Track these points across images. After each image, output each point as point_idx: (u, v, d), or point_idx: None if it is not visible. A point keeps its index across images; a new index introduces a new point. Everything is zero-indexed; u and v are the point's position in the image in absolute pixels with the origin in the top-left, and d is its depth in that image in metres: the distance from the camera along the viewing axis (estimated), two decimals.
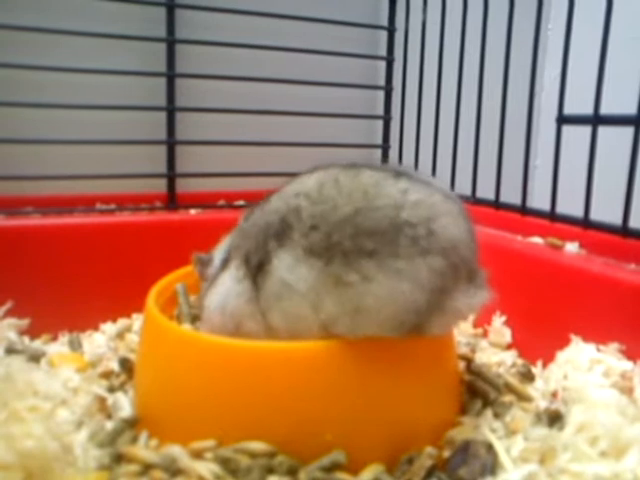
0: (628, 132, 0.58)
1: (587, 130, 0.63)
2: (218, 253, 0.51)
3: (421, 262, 0.38)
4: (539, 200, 0.75)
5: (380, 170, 0.42)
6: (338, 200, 0.40)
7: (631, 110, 0.57)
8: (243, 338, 0.43)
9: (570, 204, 0.66)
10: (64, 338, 0.63)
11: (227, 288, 0.46)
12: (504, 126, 0.76)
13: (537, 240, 0.66)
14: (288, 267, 0.41)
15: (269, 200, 0.45)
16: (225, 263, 0.48)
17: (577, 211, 0.64)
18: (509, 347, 0.61)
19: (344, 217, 0.40)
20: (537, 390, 0.51)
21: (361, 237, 0.39)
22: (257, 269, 0.43)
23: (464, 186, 0.82)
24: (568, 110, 0.66)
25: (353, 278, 0.39)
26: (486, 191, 0.79)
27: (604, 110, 0.62)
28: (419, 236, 0.39)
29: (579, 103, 0.64)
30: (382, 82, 0.96)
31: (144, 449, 0.41)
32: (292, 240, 0.41)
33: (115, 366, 0.54)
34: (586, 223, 0.63)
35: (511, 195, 0.75)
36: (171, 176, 0.84)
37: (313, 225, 0.40)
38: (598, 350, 0.51)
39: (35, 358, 0.55)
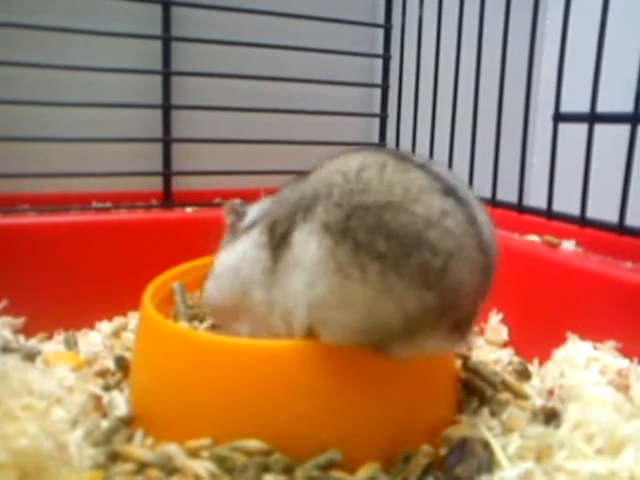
0: (624, 130, 0.58)
1: (583, 128, 0.63)
2: (252, 211, 0.50)
3: (416, 292, 0.36)
4: (536, 198, 0.75)
5: (433, 178, 0.39)
6: (374, 185, 0.38)
7: (627, 108, 0.57)
8: (246, 306, 0.43)
9: (567, 202, 0.66)
10: (60, 336, 0.63)
11: (245, 251, 0.45)
12: (500, 124, 0.76)
13: (534, 238, 0.66)
14: (302, 241, 0.39)
15: (310, 174, 0.44)
16: (252, 225, 0.47)
17: (574, 209, 0.64)
18: (506, 345, 0.61)
19: (371, 204, 0.37)
20: (533, 388, 0.51)
21: (379, 235, 0.36)
22: (280, 239, 0.42)
23: None
24: (564, 108, 0.66)
25: (353, 272, 0.37)
26: (483, 189, 0.79)
27: (600, 108, 0.62)
28: (432, 266, 0.36)
29: (575, 101, 0.64)
30: (379, 80, 0.96)
31: (140, 448, 0.41)
32: (316, 215, 0.39)
33: (111, 364, 0.54)
34: (583, 221, 0.63)
35: (508, 193, 0.75)
36: (167, 174, 0.84)
37: (337, 202, 0.38)
38: (594, 348, 0.51)
39: (30, 357, 0.55)
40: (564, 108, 0.66)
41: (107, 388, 0.51)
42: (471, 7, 0.80)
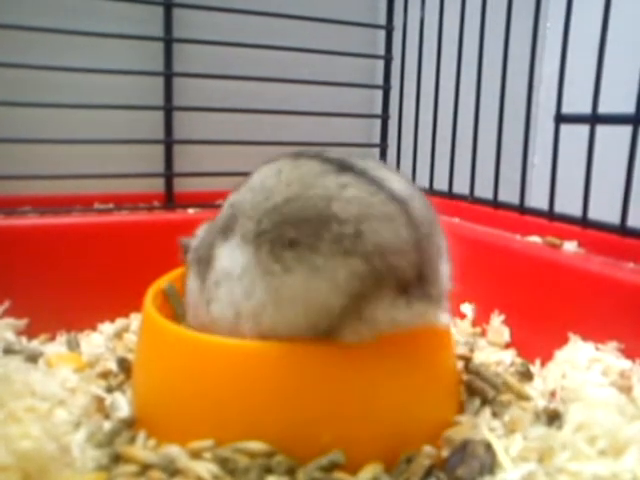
0: (626, 131, 0.58)
1: (585, 129, 0.63)
2: (197, 236, 0.52)
3: (341, 262, 0.37)
4: (537, 199, 0.75)
5: (327, 162, 0.41)
6: (274, 190, 0.40)
7: (629, 109, 0.57)
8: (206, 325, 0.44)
9: (568, 203, 0.66)
10: (62, 338, 0.63)
11: (190, 289, 0.48)
12: (502, 125, 0.76)
13: (535, 239, 0.66)
14: (227, 255, 0.42)
15: (228, 198, 0.46)
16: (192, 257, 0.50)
17: (575, 210, 0.64)
18: (508, 346, 0.61)
19: (274, 205, 0.39)
20: (536, 389, 0.51)
21: (286, 226, 0.38)
22: (205, 264, 0.45)
23: (462, 185, 0.82)
24: (566, 109, 0.66)
25: (275, 268, 0.38)
26: (484, 190, 0.79)
27: (602, 109, 0.62)
28: (345, 234, 0.37)
29: (577, 102, 0.64)
30: (380, 81, 0.96)
31: (142, 449, 0.41)
32: (233, 232, 0.42)
33: (113, 366, 0.54)
34: (584, 222, 0.63)
35: (509, 194, 0.75)
36: (169, 175, 0.84)
37: (250, 215, 0.40)
38: (597, 349, 0.51)
39: (33, 358, 0.55)
40: (565, 109, 0.66)
41: (109, 390, 0.51)
42: (473, 8, 0.80)
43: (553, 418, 0.45)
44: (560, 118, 0.66)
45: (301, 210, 0.38)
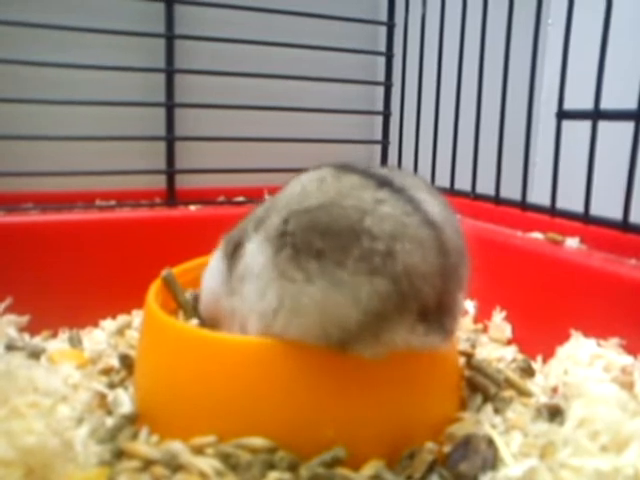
0: (628, 127, 0.58)
1: (587, 125, 0.63)
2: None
3: (366, 280, 0.36)
4: (539, 195, 0.75)
5: (368, 177, 0.40)
6: (312, 194, 0.40)
7: (631, 105, 0.57)
8: (220, 316, 0.45)
9: (570, 199, 0.66)
10: (64, 335, 0.63)
11: (212, 266, 0.48)
12: (504, 121, 0.76)
13: (537, 235, 0.66)
14: (252, 250, 0.41)
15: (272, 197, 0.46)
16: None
17: (577, 206, 0.64)
18: (509, 342, 0.61)
19: (306, 208, 0.38)
20: (537, 385, 0.51)
21: (313, 233, 0.37)
22: (234, 249, 0.45)
23: (464, 181, 0.82)
24: (568, 105, 0.66)
25: (296, 275, 0.37)
26: (486, 186, 0.79)
27: (604, 105, 0.62)
28: (375, 251, 0.36)
29: (578, 98, 0.64)
30: (381, 78, 0.96)
31: (145, 445, 0.41)
32: (264, 226, 0.41)
33: (115, 362, 0.54)
34: (586, 218, 0.63)
35: (511, 190, 0.75)
36: (170, 172, 0.84)
37: (279, 211, 0.40)
38: (598, 345, 0.51)
39: (35, 355, 0.55)
40: (567, 105, 0.66)
41: (111, 386, 0.51)
42: (474, 4, 0.80)
43: (555, 414, 0.45)
44: (562, 114, 0.66)
45: (332, 218, 0.37)
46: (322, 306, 0.37)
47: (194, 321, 0.53)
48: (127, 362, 0.54)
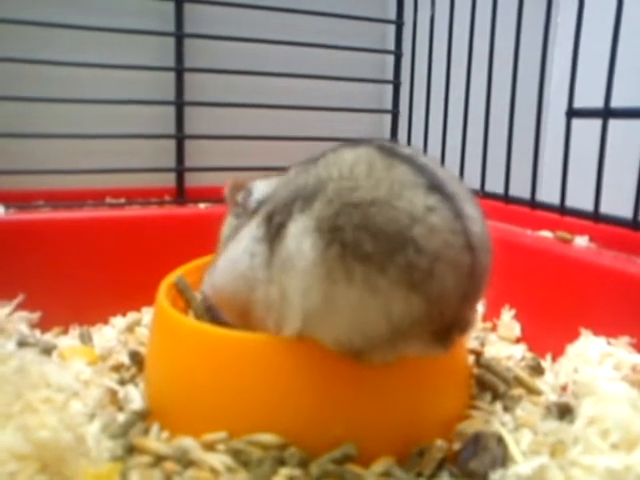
0: (638, 125, 0.58)
1: (596, 123, 0.62)
2: (258, 188, 0.49)
3: (402, 295, 0.35)
4: (548, 194, 0.74)
5: (419, 173, 0.37)
6: (362, 182, 0.37)
7: (639, 103, 0.57)
8: (254, 303, 0.42)
9: (580, 198, 0.65)
10: (75, 331, 0.63)
11: (246, 245, 0.44)
12: (513, 119, 0.76)
13: (546, 234, 0.66)
14: (297, 236, 0.38)
15: (317, 161, 0.42)
16: (257, 208, 0.46)
17: (587, 205, 0.64)
18: (518, 341, 0.61)
19: (359, 201, 0.36)
20: (547, 384, 0.51)
21: (365, 234, 0.35)
22: (277, 229, 0.41)
23: (473, 180, 0.81)
24: (577, 103, 0.66)
25: (338, 276, 0.36)
26: (495, 185, 0.78)
27: (614, 103, 0.61)
28: (417, 266, 0.35)
29: (587, 96, 0.63)
30: (390, 76, 0.96)
31: (156, 441, 0.42)
32: (312, 208, 0.38)
33: (125, 359, 0.55)
34: (596, 217, 0.63)
35: (520, 189, 0.75)
36: (180, 170, 0.84)
37: (330, 199, 0.37)
38: (608, 343, 0.50)
39: (46, 351, 0.56)
40: (577, 103, 0.66)
41: (122, 382, 0.51)
42: (483, 3, 0.80)
43: (564, 412, 0.45)
44: (572, 112, 0.66)
45: (384, 220, 0.35)
46: (356, 312, 0.36)
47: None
48: (137, 359, 0.54)
